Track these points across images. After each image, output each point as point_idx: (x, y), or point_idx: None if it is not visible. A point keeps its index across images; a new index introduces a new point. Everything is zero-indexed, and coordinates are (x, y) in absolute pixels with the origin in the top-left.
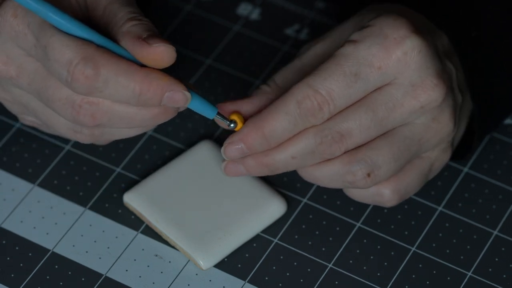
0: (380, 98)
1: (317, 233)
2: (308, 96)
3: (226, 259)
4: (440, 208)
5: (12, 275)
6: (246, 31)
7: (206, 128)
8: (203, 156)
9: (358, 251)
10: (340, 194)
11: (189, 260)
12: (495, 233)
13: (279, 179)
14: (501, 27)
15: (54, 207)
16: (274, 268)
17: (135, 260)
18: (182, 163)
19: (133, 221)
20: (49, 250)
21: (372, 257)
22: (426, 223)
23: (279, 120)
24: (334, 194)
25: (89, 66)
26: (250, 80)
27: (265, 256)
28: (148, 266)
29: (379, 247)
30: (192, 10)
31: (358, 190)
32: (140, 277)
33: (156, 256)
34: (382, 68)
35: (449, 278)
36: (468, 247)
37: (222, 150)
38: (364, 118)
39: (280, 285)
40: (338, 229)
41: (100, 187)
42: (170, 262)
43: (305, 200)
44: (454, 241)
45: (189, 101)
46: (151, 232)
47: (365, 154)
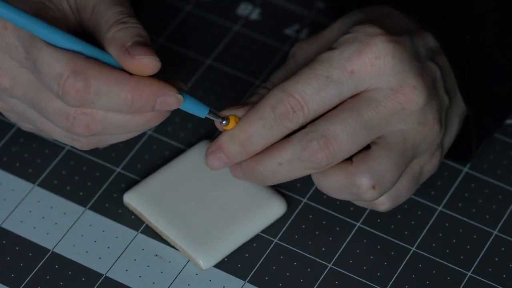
0: (362, 101)
1: (317, 233)
2: (281, 100)
3: (226, 259)
4: (440, 208)
5: (12, 275)
6: (246, 31)
7: (206, 128)
8: (203, 156)
9: (358, 251)
10: None
11: (189, 260)
12: (495, 233)
13: None
14: (495, 29)
15: (54, 207)
16: (274, 268)
17: (135, 260)
18: (182, 163)
19: (133, 221)
20: (49, 250)
21: (372, 257)
22: (426, 223)
23: (254, 126)
24: None
25: (79, 79)
26: (250, 80)
27: (265, 256)
28: (148, 266)
29: (379, 247)
30: (192, 10)
31: None
32: (140, 277)
33: (156, 256)
34: (355, 72)
35: (449, 278)
36: (468, 247)
37: (205, 161)
38: (349, 120)
39: (280, 285)
40: (338, 229)
41: (100, 187)
42: (170, 262)
43: (305, 200)
44: (454, 241)
45: (181, 102)
46: (151, 232)
47: (367, 166)
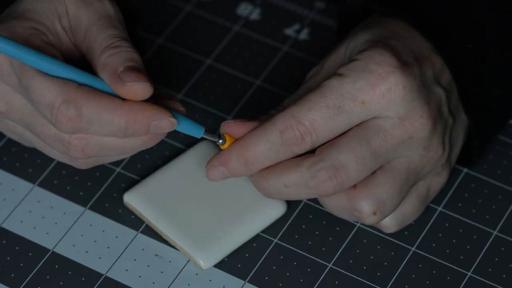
0: (370, 130)
1: (317, 233)
2: (290, 126)
3: (226, 259)
4: (440, 208)
5: (12, 275)
6: (246, 31)
7: (206, 128)
8: (203, 156)
9: (358, 251)
10: None
11: (189, 260)
12: (495, 233)
13: None
14: (495, 35)
15: (54, 207)
16: (274, 268)
17: (135, 260)
18: (182, 163)
19: (133, 221)
20: (49, 250)
21: (372, 257)
22: (426, 223)
23: (261, 148)
24: None
25: (71, 108)
26: (250, 80)
27: (265, 256)
28: (148, 266)
29: (379, 247)
30: (192, 10)
31: None
32: (140, 277)
33: (156, 256)
34: (365, 102)
35: (449, 278)
36: (468, 247)
37: (205, 172)
38: (359, 149)
39: (280, 285)
40: (338, 229)
41: (100, 187)
42: (170, 262)
43: (305, 200)
44: (454, 241)
45: (175, 126)
46: (151, 232)
47: (369, 191)
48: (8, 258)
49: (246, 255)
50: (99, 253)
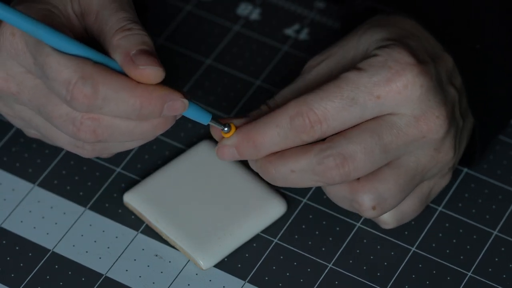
0: (384, 124)
1: (317, 233)
2: (301, 112)
3: (226, 259)
4: (440, 208)
5: (12, 275)
6: (246, 31)
7: (206, 128)
8: (203, 156)
9: (358, 251)
10: None
11: (189, 260)
12: (495, 233)
13: None
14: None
15: (54, 207)
16: (274, 268)
17: (135, 260)
18: (182, 163)
19: (133, 221)
20: (49, 250)
21: (372, 257)
22: (426, 223)
23: (269, 132)
24: None
25: (87, 85)
26: (250, 80)
27: (265, 256)
28: (148, 266)
29: (379, 247)
30: (192, 10)
31: None
32: (140, 277)
33: (156, 256)
34: (381, 97)
35: (449, 278)
36: (468, 247)
37: (216, 151)
38: (369, 141)
39: (280, 285)
40: (338, 229)
41: (100, 187)
42: (170, 262)
43: (305, 200)
44: (454, 241)
45: (187, 107)
46: (151, 232)
47: (372, 186)
48: (8, 258)
49: (246, 255)
50: (99, 253)
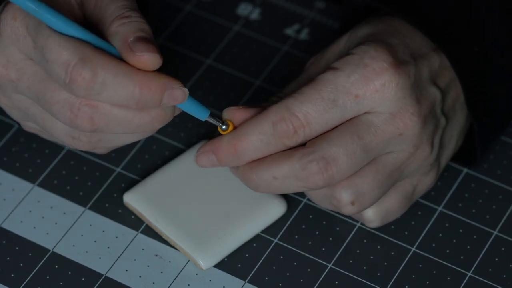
0: (361, 124)
1: (317, 233)
2: (283, 118)
3: (226, 259)
4: (440, 208)
5: (12, 275)
6: (246, 31)
7: (206, 128)
8: None
9: (358, 251)
10: None
11: (189, 260)
12: (495, 233)
13: None
14: (499, 38)
15: (54, 207)
16: (274, 268)
17: (135, 260)
18: (182, 163)
19: (133, 221)
20: (49, 250)
21: (372, 257)
22: (426, 223)
23: (252, 139)
24: None
25: (87, 68)
26: (250, 80)
27: (265, 256)
28: (148, 266)
29: (379, 247)
30: (192, 10)
31: None
32: (140, 277)
33: (156, 256)
34: (359, 96)
35: (449, 278)
36: (468, 247)
37: (195, 158)
38: (350, 143)
39: (280, 285)
40: (338, 229)
41: (100, 187)
42: (170, 262)
43: (305, 200)
44: (454, 241)
45: (187, 96)
46: (151, 232)
47: (350, 181)
48: (8, 258)
49: (246, 255)
50: (99, 253)
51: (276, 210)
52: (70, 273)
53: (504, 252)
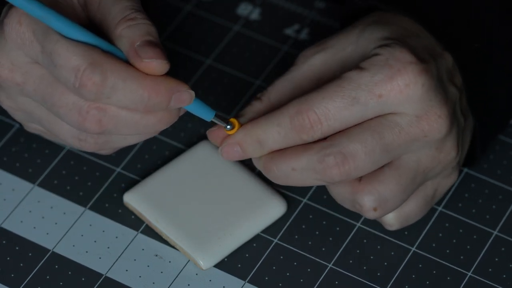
0: (385, 123)
1: (317, 233)
2: (301, 112)
3: (226, 259)
4: (440, 208)
5: (12, 275)
6: (246, 31)
7: (206, 128)
8: (203, 156)
9: (358, 251)
10: None
11: (189, 260)
12: (495, 233)
13: None
14: (500, 37)
15: (54, 207)
16: (274, 268)
17: (135, 260)
18: (182, 163)
19: (133, 221)
20: (49, 250)
21: (372, 257)
22: (426, 223)
23: (271, 130)
24: None
25: (96, 72)
26: (250, 80)
27: (265, 256)
28: (148, 266)
29: (379, 247)
30: (192, 10)
31: None
32: (140, 277)
33: (156, 256)
34: (382, 96)
35: (449, 278)
36: (468, 247)
37: (220, 151)
38: (370, 140)
39: (280, 285)
40: (338, 229)
41: (100, 187)
42: (170, 262)
43: (305, 200)
44: (454, 241)
45: (193, 98)
46: (151, 232)
47: (373, 187)
48: (8, 258)
49: (246, 255)
50: (99, 253)
51: (276, 210)
52: (70, 273)
53: (504, 252)
